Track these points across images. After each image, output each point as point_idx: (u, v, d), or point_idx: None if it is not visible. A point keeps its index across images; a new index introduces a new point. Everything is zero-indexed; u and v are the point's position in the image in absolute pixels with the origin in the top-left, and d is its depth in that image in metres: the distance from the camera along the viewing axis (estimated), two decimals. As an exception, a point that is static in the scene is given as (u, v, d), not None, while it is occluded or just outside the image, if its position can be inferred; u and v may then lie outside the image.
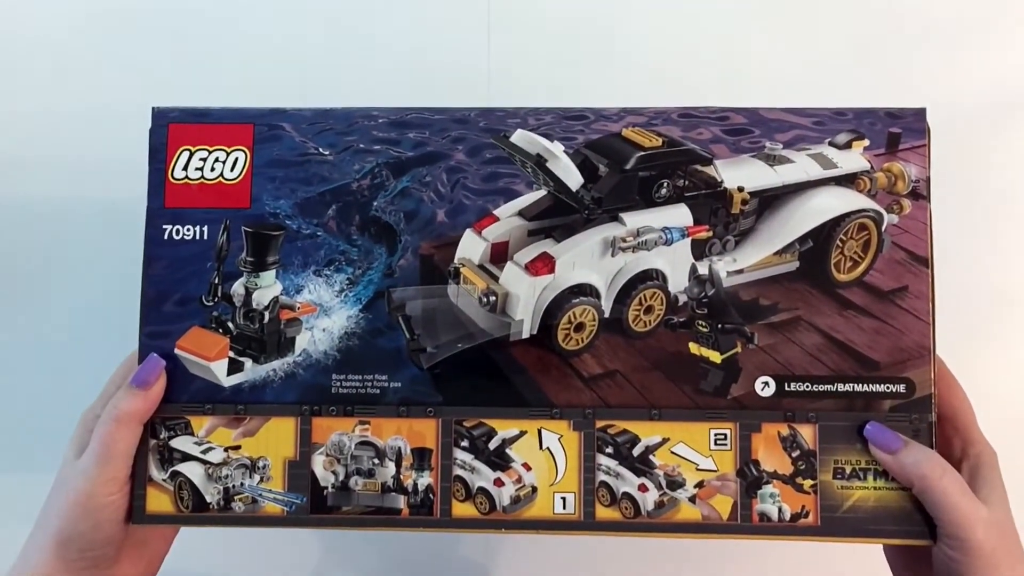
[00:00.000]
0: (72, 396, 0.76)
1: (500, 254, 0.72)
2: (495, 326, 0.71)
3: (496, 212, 0.72)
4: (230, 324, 0.72)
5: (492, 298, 0.71)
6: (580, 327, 0.71)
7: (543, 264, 0.71)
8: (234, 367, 0.72)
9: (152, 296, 0.72)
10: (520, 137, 0.72)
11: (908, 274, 0.70)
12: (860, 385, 0.69)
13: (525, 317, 0.71)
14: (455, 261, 0.72)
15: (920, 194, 0.71)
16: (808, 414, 0.69)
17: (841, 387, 0.70)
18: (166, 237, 0.72)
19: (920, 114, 0.71)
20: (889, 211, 0.71)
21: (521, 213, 0.73)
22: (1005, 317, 0.91)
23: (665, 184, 0.72)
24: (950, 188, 0.73)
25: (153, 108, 0.74)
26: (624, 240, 0.71)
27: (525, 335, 0.71)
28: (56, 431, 0.76)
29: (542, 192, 0.73)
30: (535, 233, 0.73)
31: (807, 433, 0.70)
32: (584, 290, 0.71)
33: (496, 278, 0.72)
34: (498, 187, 0.72)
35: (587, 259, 0.72)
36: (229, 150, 0.73)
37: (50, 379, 0.93)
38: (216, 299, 0.72)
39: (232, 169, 0.73)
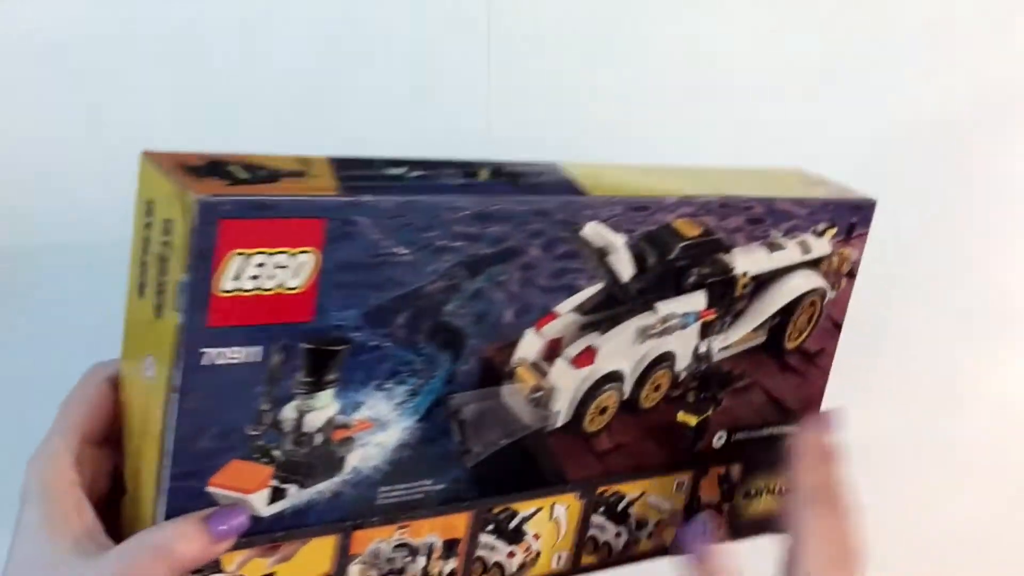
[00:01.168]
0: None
1: (554, 350, 0.68)
2: (536, 419, 0.69)
3: (556, 308, 0.67)
4: (276, 452, 0.59)
5: (540, 394, 0.68)
6: (604, 410, 0.72)
7: (587, 357, 0.69)
8: (277, 495, 0.61)
9: (186, 433, 0.56)
10: (589, 230, 0.66)
11: (828, 339, 0.82)
12: (775, 428, 0.82)
13: (563, 408, 0.70)
14: (512, 362, 0.66)
15: (853, 274, 0.81)
16: (740, 455, 0.81)
17: (765, 431, 0.82)
18: (205, 362, 0.55)
19: (873, 206, 0.80)
20: (832, 288, 0.81)
21: (578, 308, 0.68)
22: (1006, 317, 0.97)
23: (695, 272, 0.72)
24: (950, 188, 0.76)
25: (199, 200, 0.52)
26: (654, 327, 0.72)
27: (559, 424, 0.70)
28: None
29: (599, 285, 0.68)
30: (587, 327, 0.69)
31: (736, 470, 0.82)
32: (613, 376, 0.71)
33: (546, 374, 0.68)
34: (562, 283, 0.66)
35: (623, 348, 0.71)
36: (294, 252, 0.56)
37: None
38: (264, 428, 0.58)
39: (295, 276, 0.56)
